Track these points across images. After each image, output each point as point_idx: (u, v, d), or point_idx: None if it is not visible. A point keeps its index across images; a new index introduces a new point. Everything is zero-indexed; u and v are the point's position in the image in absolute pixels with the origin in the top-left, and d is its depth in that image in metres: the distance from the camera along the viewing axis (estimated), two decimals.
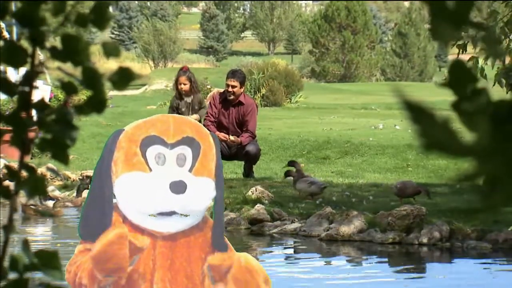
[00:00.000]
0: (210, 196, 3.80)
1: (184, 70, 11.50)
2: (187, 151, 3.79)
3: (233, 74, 11.51)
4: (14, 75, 1.67)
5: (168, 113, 11.47)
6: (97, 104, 1.32)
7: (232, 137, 11.29)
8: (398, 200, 9.46)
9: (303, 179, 9.90)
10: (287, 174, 10.18)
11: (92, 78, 1.29)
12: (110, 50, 1.32)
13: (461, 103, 1.11)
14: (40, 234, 9.52)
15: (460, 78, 1.13)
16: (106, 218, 3.75)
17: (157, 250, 3.77)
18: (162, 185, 3.68)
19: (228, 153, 11.41)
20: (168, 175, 3.71)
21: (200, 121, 11.25)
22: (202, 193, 3.76)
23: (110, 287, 3.71)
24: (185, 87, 11.25)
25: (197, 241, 3.84)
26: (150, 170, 3.74)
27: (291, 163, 10.22)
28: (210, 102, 11.47)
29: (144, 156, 3.75)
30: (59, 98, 15.60)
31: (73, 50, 1.29)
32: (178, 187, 3.68)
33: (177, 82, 11.38)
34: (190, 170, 3.78)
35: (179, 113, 11.21)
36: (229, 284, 3.83)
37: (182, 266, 3.78)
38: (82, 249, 3.80)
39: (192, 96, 11.35)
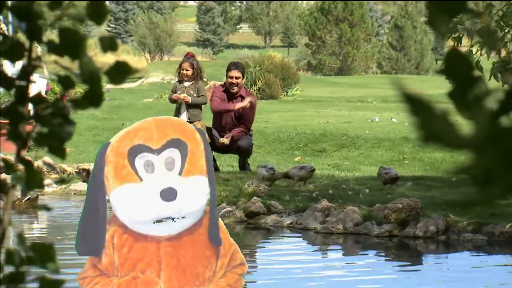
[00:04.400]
0: (205, 193, 3.83)
1: (188, 57, 11.55)
2: (175, 153, 3.81)
3: (236, 65, 11.54)
4: (10, 68, 1.66)
5: (169, 96, 11.55)
6: (94, 98, 1.31)
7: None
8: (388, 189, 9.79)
9: (262, 165, 10.66)
10: None
11: (89, 72, 1.28)
12: (107, 44, 1.32)
13: (457, 92, 1.11)
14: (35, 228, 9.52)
15: (457, 66, 1.13)
16: (101, 232, 3.82)
17: (162, 250, 3.83)
18: (152, 194, 3.73)
19: (222, 146, 11.45)
20: (157, 183, 3.75)
21: (192, 105, 11.19)
22: (195, 193, 3.79)
23: None
24: (187, 72, 11.27)
25: (201, 238, 3.88)
26: (141, 179, 3.78)
27: None
28: (212, 93, 11.47)
29: (133, 166, 3.78)
30: (56, 91, 15.58)
31: (70, 44, 1.29)
32: (168, 195, 3.73)
33: (180, 67, 11.42)
34: (181, 172, 3.80)
35: None
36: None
37: (188, 265, 3.83)
38: (90, 265, 3.90)
39: (192, 82, 11.33)
